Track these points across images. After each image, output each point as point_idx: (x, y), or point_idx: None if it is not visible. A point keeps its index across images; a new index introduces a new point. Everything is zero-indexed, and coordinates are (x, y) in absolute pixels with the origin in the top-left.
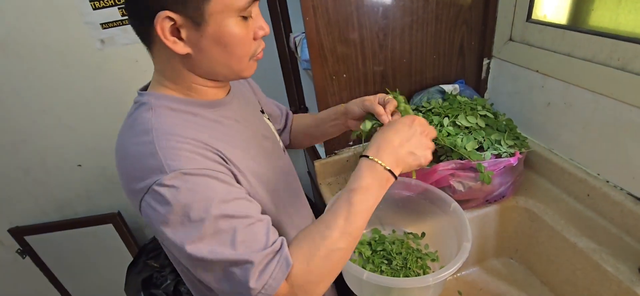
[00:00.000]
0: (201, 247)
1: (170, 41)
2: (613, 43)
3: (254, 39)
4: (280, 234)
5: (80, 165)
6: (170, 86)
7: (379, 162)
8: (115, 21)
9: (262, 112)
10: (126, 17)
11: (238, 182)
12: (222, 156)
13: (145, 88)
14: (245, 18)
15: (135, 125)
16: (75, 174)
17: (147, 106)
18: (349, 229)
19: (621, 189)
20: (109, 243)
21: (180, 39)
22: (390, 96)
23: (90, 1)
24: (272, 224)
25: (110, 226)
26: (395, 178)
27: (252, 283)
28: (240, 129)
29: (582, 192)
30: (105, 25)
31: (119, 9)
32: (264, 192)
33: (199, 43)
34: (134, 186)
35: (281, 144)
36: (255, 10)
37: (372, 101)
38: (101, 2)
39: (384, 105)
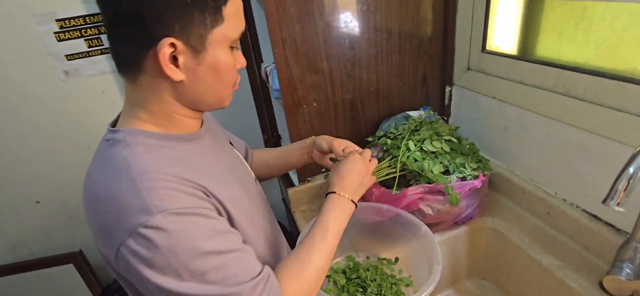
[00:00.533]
0: (192, 286)
1: (169, 68)
2: (557, 72)
3: None
4: (260, 260)
5: (38, 202)
6: (146, 118)
7: (344, 195)
8: (81, 53)
9: (231, 144)
10: (93, 49)
11: (220, 214)
12: (204, 190)
13: (113, 123)
14: (232, 48)
15: (110, 164)
16: (32, 211)
17: (123, 143)
18: (327, 250)
19: (577, 206)
20: (69, 285)
21: (177, 66)
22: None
23: (54, 33)
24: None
25: (70, 266)
26: (356, 205)
27: None
28: (215, 161)
29: (543, 210)
30: (70, 57)
31: (85, 40)
32: (244, 221)
33: (195, 70)
34: (112, 230)
35: (252, 174)
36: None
37: (336, 144)
38: (67, 33)
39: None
